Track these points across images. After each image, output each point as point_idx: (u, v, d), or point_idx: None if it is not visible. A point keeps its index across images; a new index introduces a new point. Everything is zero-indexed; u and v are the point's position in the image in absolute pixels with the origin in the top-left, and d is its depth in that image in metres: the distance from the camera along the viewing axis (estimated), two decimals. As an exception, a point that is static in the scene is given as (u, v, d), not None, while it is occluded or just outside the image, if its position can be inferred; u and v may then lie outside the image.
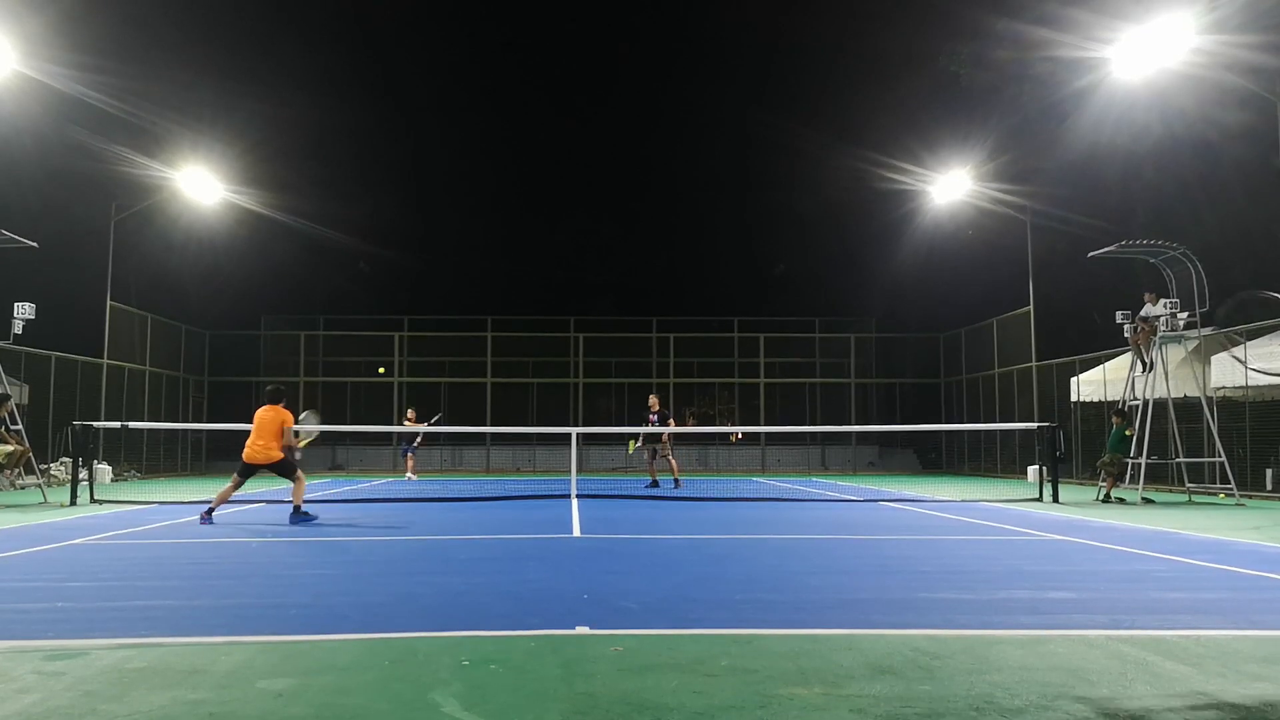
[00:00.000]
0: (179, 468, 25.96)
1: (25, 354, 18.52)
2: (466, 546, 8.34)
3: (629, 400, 30.08)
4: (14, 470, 15.20)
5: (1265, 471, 16.17)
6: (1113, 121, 22.59)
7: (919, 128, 27.85)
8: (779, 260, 38.23)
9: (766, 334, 30.84)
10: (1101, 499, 14.35)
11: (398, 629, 4.55)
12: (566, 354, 30.28)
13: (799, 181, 34.61)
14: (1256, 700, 3.37)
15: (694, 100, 40.26)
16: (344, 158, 35.72)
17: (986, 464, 26.50)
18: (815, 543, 8.70)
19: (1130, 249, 15.45)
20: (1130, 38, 16.28)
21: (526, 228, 39.42)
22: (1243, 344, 15.45)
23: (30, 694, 3.43)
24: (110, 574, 6.59)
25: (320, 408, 28.57)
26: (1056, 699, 3.37)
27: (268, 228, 28.72)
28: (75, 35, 21.44)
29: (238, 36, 33.04)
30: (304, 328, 30.27)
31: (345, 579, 6.41)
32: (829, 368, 31.32)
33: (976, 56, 26.38)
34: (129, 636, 4.35)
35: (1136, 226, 22.02)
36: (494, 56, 42.05)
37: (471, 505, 13.51)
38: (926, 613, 5.03)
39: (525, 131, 40.51)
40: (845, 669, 3.79)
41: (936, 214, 26.81)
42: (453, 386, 30.22)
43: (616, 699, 3.37)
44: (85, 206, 23.55)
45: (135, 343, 23.90)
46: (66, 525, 10.15)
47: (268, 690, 3.47)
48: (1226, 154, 21.53)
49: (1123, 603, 5.39)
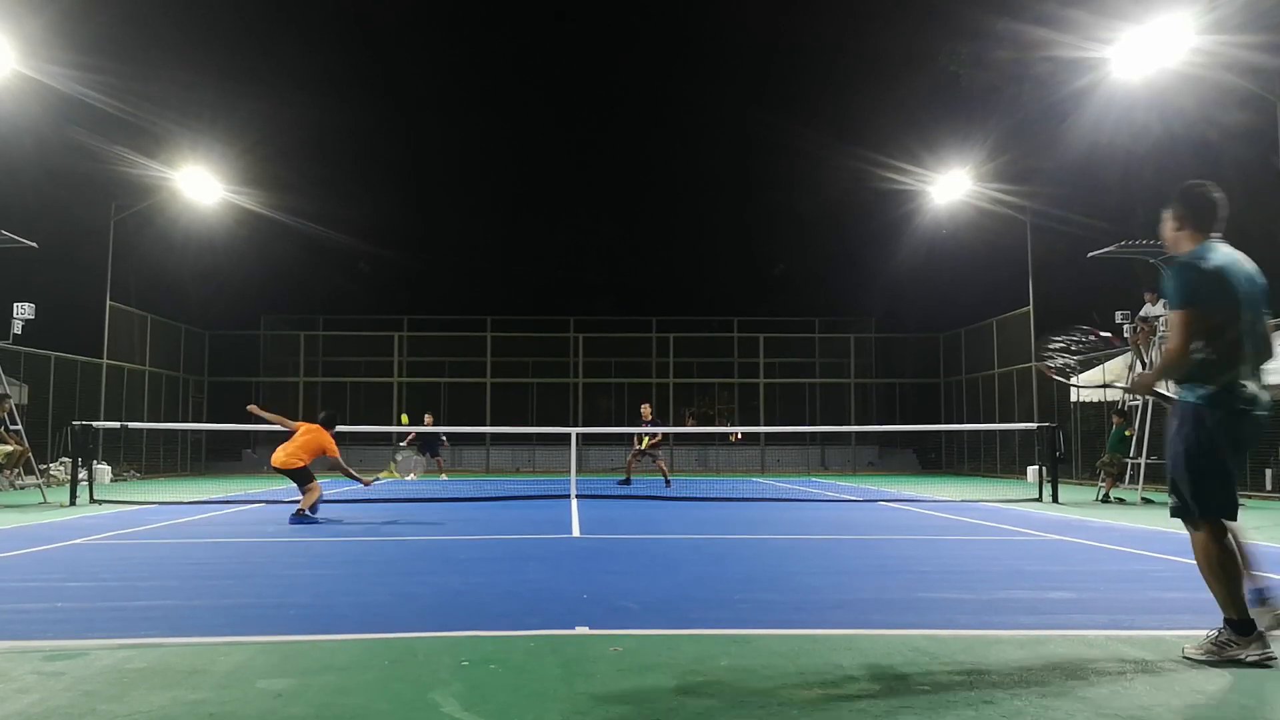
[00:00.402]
0: (178, 468, 25.96)
1: (25, 354, 18.52)
2: (466, 546, 8.34)
3: (629, 400, 30.09)
4: (13, 470, 15.21)
5: (1264, 472, 16.18)
6: (1112, 121, 22.62)
7: (919, 128, 27.90)
8: (779, 260, 38.27)
9: (766, 334, 30.84)
10: (1101, 499, 14.36)
11: (397, 629, 4.55)
12: (566, 354, 30.28)
13: (799, 181, 34.65)
14: (1255, 700, 3.37)
15: (694, 100, 40.34)
16: (344, 157, 35.79)
17: (986, 464, 26.51)
18: (815, 543, 8.70)
19: (1130, 249, 15.47)
20: (1130, 38, 16.29)
21: (526, 228, 39.48)
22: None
23: (30, 694, 3.43)
24: (110, 574, 6.59)
25: (320, 408, 28.67)
26: (1056, 699, 3.37)
27: (267, 228, 28.75)
28: (75, 35, 21.49)
29: (237, 36, 33.12)
30: (304, 328, 30.28)
31: (345, 579, 6.41)
32: (829, 368, 31.33)
33: (976, 56, 26.42)
34: (129, 637, 4.35)
35: (1136, 226, 22.00)
36: (494, 56, 42.09)
37: (471, 505, 13.50)
38: (926, 613, 5.03)
39: (525, 131, 40.57)
40: (845, 669, 3.79)
41: (936, 214, 26.82)
42: (452, 387, 30.23)
43: (616, 699, 3.37)
44: (85, 206, 23.57)
45: (135, 343, 23.91)
46: (66, 525, 10.14)
47: (268, 690, 3.47)
48: (1226, 154, 21.54)
49: (1122, 603, 5.40)
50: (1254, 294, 3.91)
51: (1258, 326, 3.91)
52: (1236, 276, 3.88)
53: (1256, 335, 3.89)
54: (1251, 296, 3.89)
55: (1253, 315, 3.88)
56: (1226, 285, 3.84)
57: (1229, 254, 3.96)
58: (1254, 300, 3.90)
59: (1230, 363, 3.81)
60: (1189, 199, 4.06)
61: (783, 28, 38.93)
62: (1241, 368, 3.82)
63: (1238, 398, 3.80)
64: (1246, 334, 3.84)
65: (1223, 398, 3.80)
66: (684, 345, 30.71)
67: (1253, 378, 3.85)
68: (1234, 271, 3.88)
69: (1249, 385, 3.82)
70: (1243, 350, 3.83)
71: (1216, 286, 3.83)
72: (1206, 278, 3.84)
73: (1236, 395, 3.80)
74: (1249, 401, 3.81)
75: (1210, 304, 3.80)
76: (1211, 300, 3.81)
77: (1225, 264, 3.89)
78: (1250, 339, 3.85)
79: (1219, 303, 3.81)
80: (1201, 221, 4.02)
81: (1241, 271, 3.91)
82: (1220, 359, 3.81)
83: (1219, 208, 4.02)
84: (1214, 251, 3.93)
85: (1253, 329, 3.87)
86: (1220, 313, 3.81)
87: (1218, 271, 3.85)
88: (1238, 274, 3.89)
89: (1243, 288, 3.87)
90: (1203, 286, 3.83)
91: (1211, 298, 3.81)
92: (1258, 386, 3.86)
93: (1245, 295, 3.87)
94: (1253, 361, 3.86)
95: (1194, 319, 3.79)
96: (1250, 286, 3.91)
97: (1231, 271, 3.88)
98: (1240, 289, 3.86)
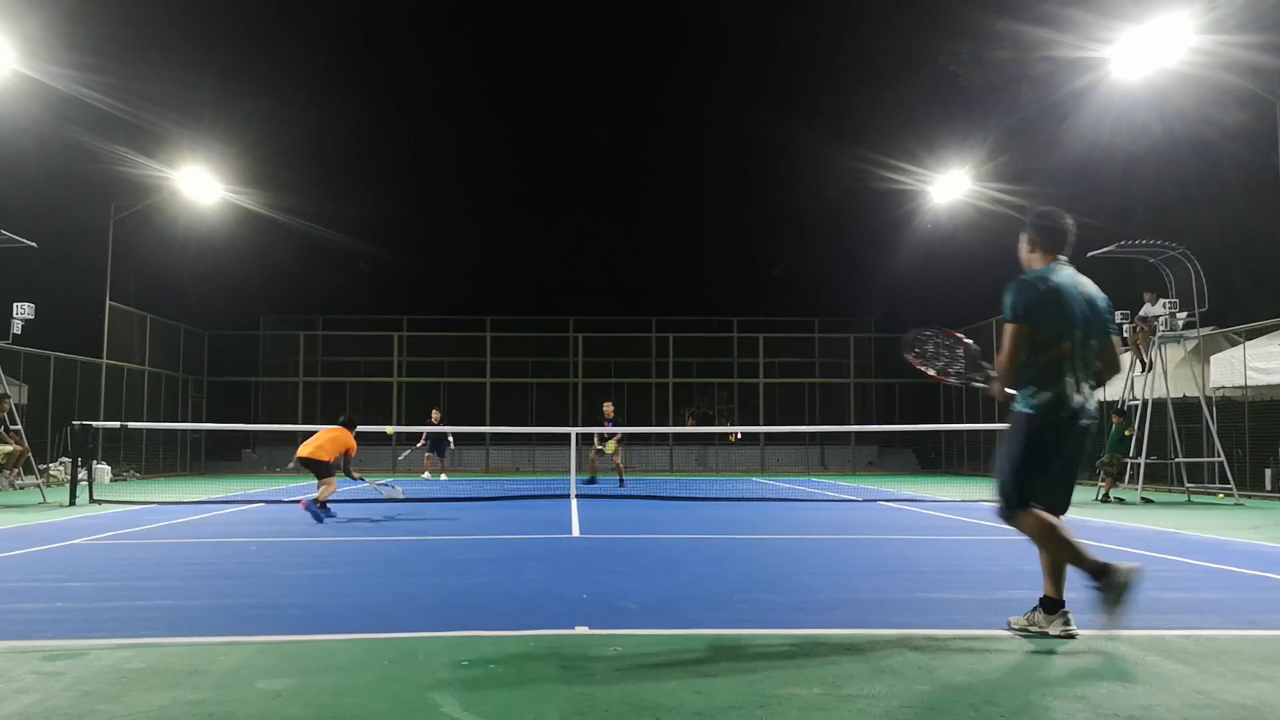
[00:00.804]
0: (178, 468, 25.96)
1: (24, 354, 18.52)
2: (466, 547, 8.34)
3: (628, 400, 30.08)
4: (13, 470, 15.20)
5: (1264, 471, 16.19)
6: (1112, 121, 22.60)
7: (918, 127, 27.86)
8: (778, 260, 38.22)
9: (766, 334, 30.85)
10: (1100, 499, 14.36)
11: (397, 629, 4.55)
12: (566, 354, 30.28)
13: (798, 181, 34.60)
14: (1255, 700, 3.37)
15: (694, 100, 40.24)
16: (343, 157, 35.72)
17: (986, 464, 26.50)
18: (815, 543, 8.70)
19: (1129, 249, 15.46)
20: (1129, 38, 16.30)
21: (526, 228, 39.42)
22: (1242, 344, 15.47)
23: (29, 694, 3.43)
24: (109, 574, 6.59)
25: (319, 408, 28.67)
26: (1056, 698, 3.37)
27: (267, 227, 28.72)
28: (74, 35, 21.45)
29: (237, 36, 33.06)
30: (303, 328, 30.28)
31: (344, 579, 6.41)
32: (828, 367, 31.33)
33: (976, 56, 26.41)
34: (128, 637, 4.35)
35: (1135, 226, 22.01)
36: (494, 56, 42.04)
37: (471, 505, 13.50)
38: (926, 613, 5.04)
39: (525, 131, 40.51)
40: (845, 669, 3.79)
41: (936, 214, 26.82)
42: (452, 386, 30.22)
43: (616, 699, 3.37)
44: (84, 206, 23.54)
45: (134, 343, 23.90)
46: (65, 525, 10.14)
47: (267, 690, 3.47)
48: (1226, 154, 21.53)
49: (1122, 603, 5.39)
50: (1089, 315, 4.21)
51: (1091, 344, 4.20)
52: (1072, 297, 4.19)
53: (1088, 352, 4.20)
54: (1086, 317, 4.19)
55: (1085, 333, 4.17)
56: (1061, 304, 4.16)
57: (1070, 276, 4.27)
58: (1088, 321, 4.20)
59: (1057, 375, 4.11)
60: (1040, 224, 4.39)
61: (783, 28, 38.86)
62: (1068, 380, 4.11)
63: (1063, 407, 4.10)
64: (1077, 351, 4.14)
65: (1049, 407, 4.10)
66: (683, 345, 30.72)
67: (1079, 391, 4.14)
68: (1070, 293, 4.20)
69: (1075, 397, 4.12)
70: (1072, 365, 4.12)
71: (1050, 305, 4.14)
72: (1042, 296, 4.16)
73: (1062, 405, 4.10)
74: (1074, 412, 4.11)
75: (1040, 320, 4.13)
76: (1042, 317, 4.13)
77: (1063, 285, 4.21)
78: (1081, 355, 4.16)
79: (1050, 319, 4.13)
80: (1050, 244, 4.35)
81: (1079, 293, 4.22)
82: (1049, 372, 4.11)
83: (1067, 234, 4.36)
84: (1056, 273, 4.25)
85: (1085, 345, 4.17)
86: (1050, 329, 4.13)
87: (1054, 291, 4.17)
88: (1074, 295, 4.20)
89: (1078, 308, 4.18)
90: (1036, 304, 4.15)
91: (1043, 315, 4.13)
92: (1084, 398, 4.15)
93: (1080, 315, 4.17)
94: (1082, 375, 4.16)
95: (1022, 333, 4.15)
96: (1086, 308, 4.21)
97: (1068, 292, 4.19)
98: (1075, 309, 4.17)
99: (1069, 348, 4.13)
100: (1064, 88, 22.28)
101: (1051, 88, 23.49)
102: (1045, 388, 4.13)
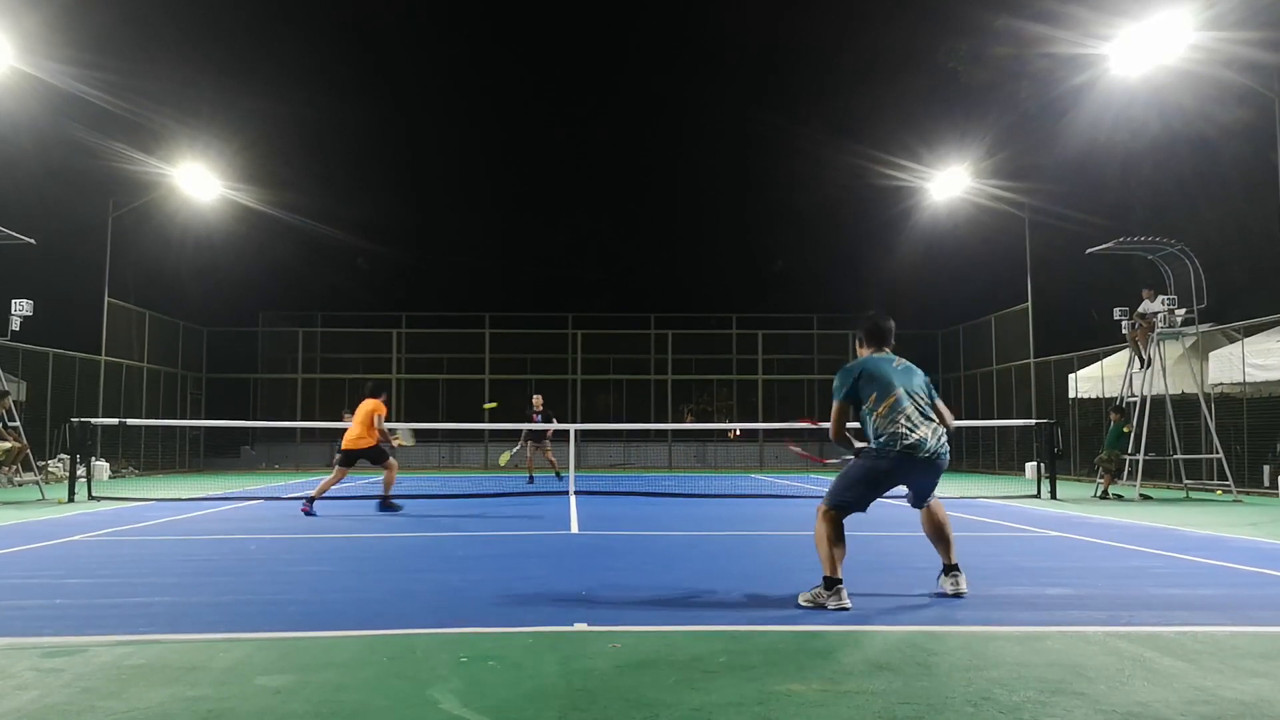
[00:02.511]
0: (177, 464, 25.95)
1: (23, 350, 18.51)
2: (465, 543, 8.34)
3: (627, 397, 30.08)
4: (12, 467, 15.21)
5: (1262, 468, 16.20)
6: (1111, 118, 22.60)
7: (917, 125, 27.86)
8: (777, 257, 38.17)
9: (765, 331, 30.84)
10: (1099, 495, 14.37)
11: (396, 625, 4.55)
12: (565, 351, 30.26)
13: (797, 178, 34.56)
14: (1253, 696, 3.37)
15: (694, 99, 40.18)
16: (342, 154, 35.67)
17: (984, 461, 26.53)
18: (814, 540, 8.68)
19: (1128, 245, 15.46)
20: (1128, 34, 16.28)
21: (525, 225, 39.35)
22: (1240, 341, 15.48)
23: (28, 691, 3.43)
24: (108, 571, 6.59)
25: (318, 405, 28.66)
26: (1054, 695, 3.37)
27: (265, 224, 28.68)
28: (72, 31, 21.40)
29: (236, 33, 32.99)
30: (302, 324, 30.25)
31: (343, 575, 6.41)
32: (827, 364, 31.30)
33: (975, 53, 26.39)
34: (127, 633, 4.35)
35: (1135, 223, 22.05)
36: (493, 55, 41.99)
37: (469, 502, 13.50)
38: (924, 609, 5.04)
39: (524, 129, 40.48)
40: (843, 665, 3.80)
41: (935, 211, 26.81)
42: (451, 383, 30.21)
43: (614, 695, 3.37)
44: (83, 203, 23.52)
45: (133, 339, 23.89)
46: (64, 522, 10.14)
47: (266, 687, 3.47)
48: (1225, 150, 21.54)
49: (1120, 599, 5.40)
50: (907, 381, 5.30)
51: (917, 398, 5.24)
52: (889, 369, 5.32)
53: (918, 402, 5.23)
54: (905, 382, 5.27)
55: (906, 390, 5.22)
56: (876, 375, 5.27)
57: (887, 357, 5.45)
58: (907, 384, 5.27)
59: (891, 420, 5.12)
60: (866, 327, 5.62)
61: (783, 28, 38.84)
62: (902, 424, 5.10)
63: (896, 445, 5.08)
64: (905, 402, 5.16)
65: (887, 443, 5.11)
66: (682, 342, 30.70)
67: (914, 430, 5.10)
68: (886, 366, 5.33)
69: (911, 435, 5.09)
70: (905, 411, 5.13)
71: (868, 378, 5.26)
72: (859, 377, 5.28)
73: (896, 442, 5.08)
74: (911, 447, 5.07)
75: (863, 391, 5.24)
76: (864, 389, 5.24)
77: (879, 361, 5.38)
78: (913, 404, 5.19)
79: (871, 388, 5.23)
80: (873, 340, 5.57)
81: (894, 367, 5.35)
82: (884, 418, 5.14)
83: (886, 332, 5.57)
84: (869, 360, 5.41)
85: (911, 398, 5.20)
86: (875, 391, 5.21)
87: (869, 368, 5.31)
88: (890, 368, 5.33)
89: (895, 376, 5.27)
90: (855, 383, 5.28)
91: (864, 387, 5.24)
92: (920, 436, 5.10)
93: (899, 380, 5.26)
94: (917, 419, 5.14)
95: (841, 409, 5.31)
96: (904, 375, 5.33)
97: (884, 366, 5.33)
98: (892, 376, 5.26)
99: (894, 400, 5.16)
100: (1063, 84, 22.26)
101: (1050, 84, 23.47)
102: (883, 430, 5.14)
